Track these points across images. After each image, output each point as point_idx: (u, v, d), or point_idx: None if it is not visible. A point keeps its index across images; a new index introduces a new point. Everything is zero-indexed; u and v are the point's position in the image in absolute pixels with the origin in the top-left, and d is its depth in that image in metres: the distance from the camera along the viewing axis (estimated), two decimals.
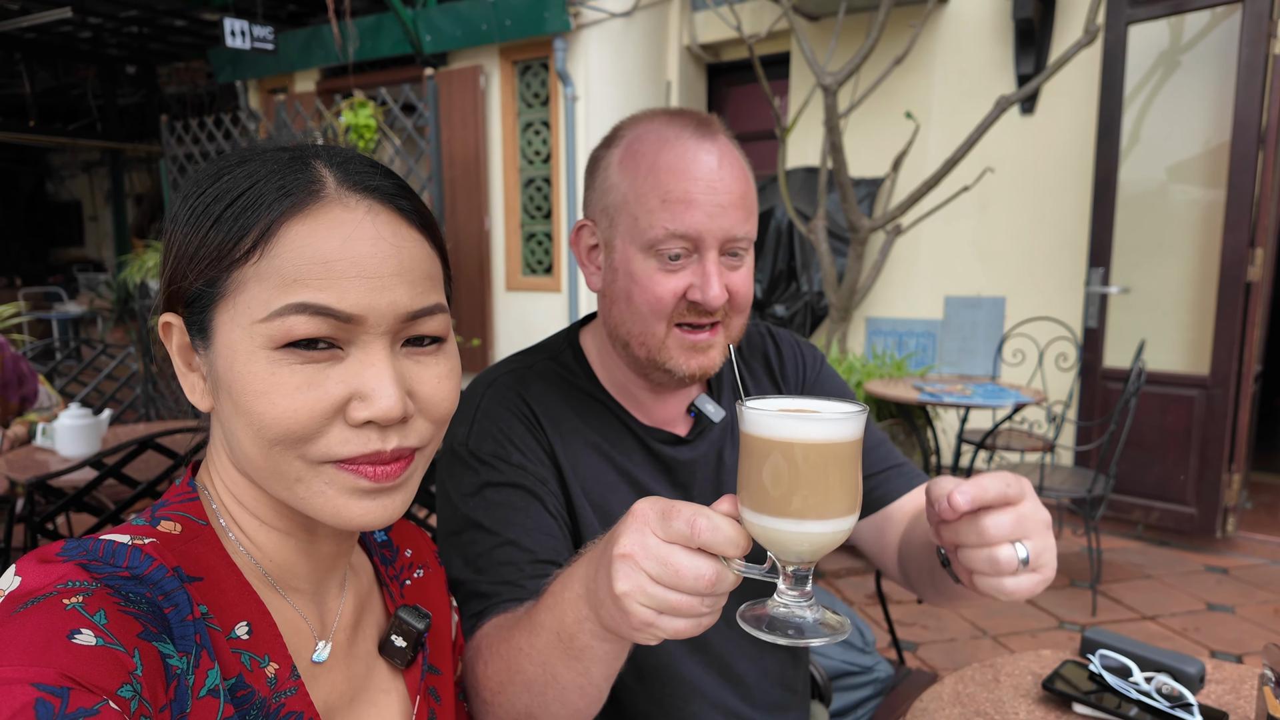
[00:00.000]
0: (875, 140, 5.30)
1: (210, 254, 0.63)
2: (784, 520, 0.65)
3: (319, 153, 0.67)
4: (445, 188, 6.12)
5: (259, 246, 0.62)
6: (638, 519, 0.68)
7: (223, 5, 7.30)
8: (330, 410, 0.63)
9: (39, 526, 1.84)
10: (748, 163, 1.09)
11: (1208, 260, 4.37)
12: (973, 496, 0.71)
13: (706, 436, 1.21)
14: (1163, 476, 4.45)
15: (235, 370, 0.62)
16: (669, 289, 1.04)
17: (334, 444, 0.63)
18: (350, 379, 0.63)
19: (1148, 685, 1.18)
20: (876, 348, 5.54)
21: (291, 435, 0.62)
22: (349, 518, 0.66)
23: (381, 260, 0.64)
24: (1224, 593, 3.78)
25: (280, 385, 0.61)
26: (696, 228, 1.01)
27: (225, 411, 0.65)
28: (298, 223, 0.62)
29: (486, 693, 0.88)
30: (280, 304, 0.61)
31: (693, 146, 1.03)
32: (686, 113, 1.08)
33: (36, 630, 0.53)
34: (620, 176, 1.06)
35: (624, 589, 0.67)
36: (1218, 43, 4.32)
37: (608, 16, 5.57)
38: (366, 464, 0.64)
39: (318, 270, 0.61)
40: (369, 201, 0.65)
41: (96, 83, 11.45)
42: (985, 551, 0.73)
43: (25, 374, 3.06)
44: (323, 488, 0.65)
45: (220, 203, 0.63)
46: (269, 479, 0.66)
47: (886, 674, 1.87)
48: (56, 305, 10.82)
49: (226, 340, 0.63)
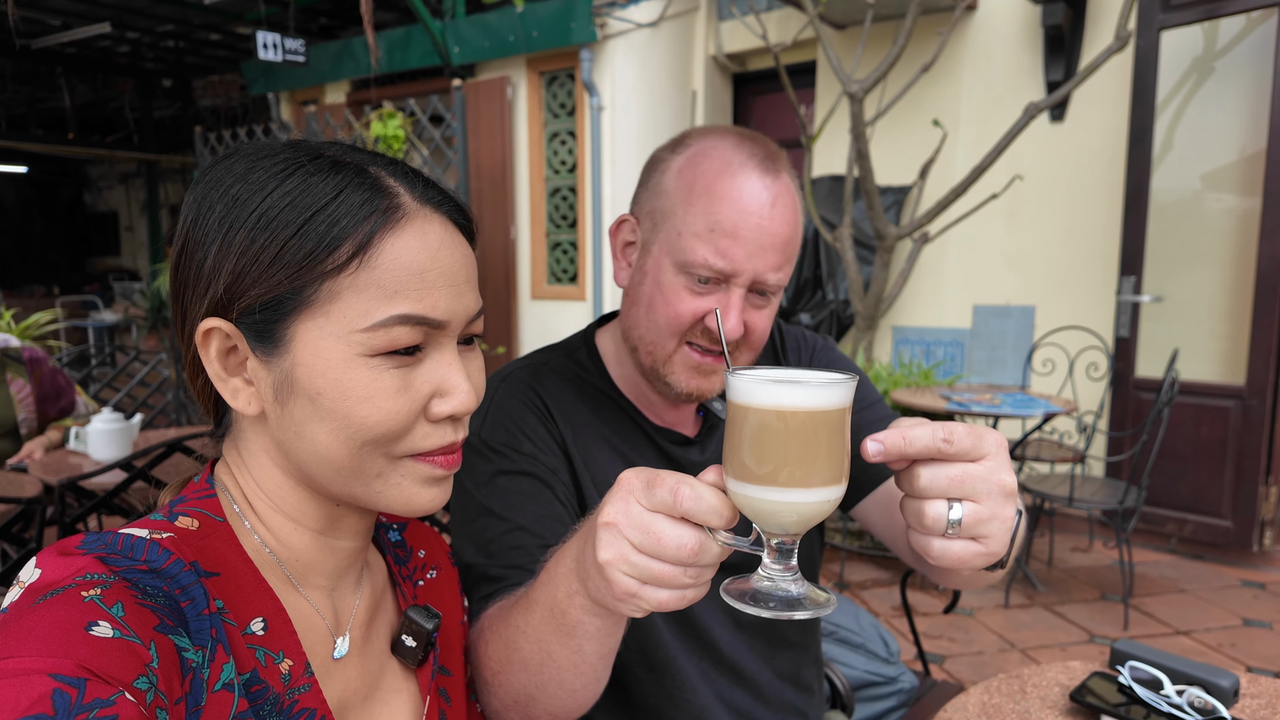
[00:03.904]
0: (902, 148, 5.26)
1: (296, 262, 0.63)
2: (768, 489, 0.63)
3: (373, 160, 0.69)
4: (472, 197, 6.17)
5: (357, 258, 0.64)
6: (622, 488, 0.68)
7: (256, 19, 7.43)
8: (420, 409, 0.68)
9: (69, 527, 1.87)
10: (803, 207, 1.09)
11: (1243, 269, 4.29)
12: (887, 447, 0.64)
13: (715, 437, 1.21)
14: (1197, 488, 4.36)
15: (330, 377, 0.64)
16: (690, 309, 1.04)
17: (418, 439, 0.68)
18: (433, 379, 0.68)
19: (1179, 698, 1.15)
20: (903, 357, 5.49)
21: (390, 435, 0.66)
22: (419, 504, 0.70)
23: (458, 269, 0.69)
24: (1261, 608, 3.69)
25: (383, 390, 0.65)
26: (734, 264, 1.01)
27: (297, 416, 0.66)
28: (393, 236, 0.65)
29: (488, 673, 0.88)
30: (384, 315, 0.64)
31: (754, 179, 1.02)
32: (757, 140, 1.07)
33: (55, 622, 0.54)
34: (675, 185, 1.06)
35: (606, 557, 0.67)
36: (1253, 48, 4.25)
37: (634, 27, 5.59)
38: (442, 454, 0.70)
39: (415, 281, 0.65)
40: (440, 214, 0.70)
41: (134, 96, 11.71)
42: (913, 504, 0.67)
43: (63, 386, 3.13)
44: (399, 480, 0.69)
45: (297, 210, 0.63)
46: (348, 477, 0.68)
47: (911, 685, 1.85)
48: (92, 313, 11.03)
49: (312, 347, 0.64)
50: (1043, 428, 4.29)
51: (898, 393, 4.15)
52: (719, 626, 1.16)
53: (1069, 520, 4.73)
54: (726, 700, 1.17)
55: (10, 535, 2.14)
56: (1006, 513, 0.66)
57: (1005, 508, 0.66)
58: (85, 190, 15.19)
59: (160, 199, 13.19)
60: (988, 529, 0.66)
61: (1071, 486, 3.65)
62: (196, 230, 0.66)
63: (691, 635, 1.15)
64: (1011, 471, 0.67)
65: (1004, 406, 3.73)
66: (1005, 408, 3.70)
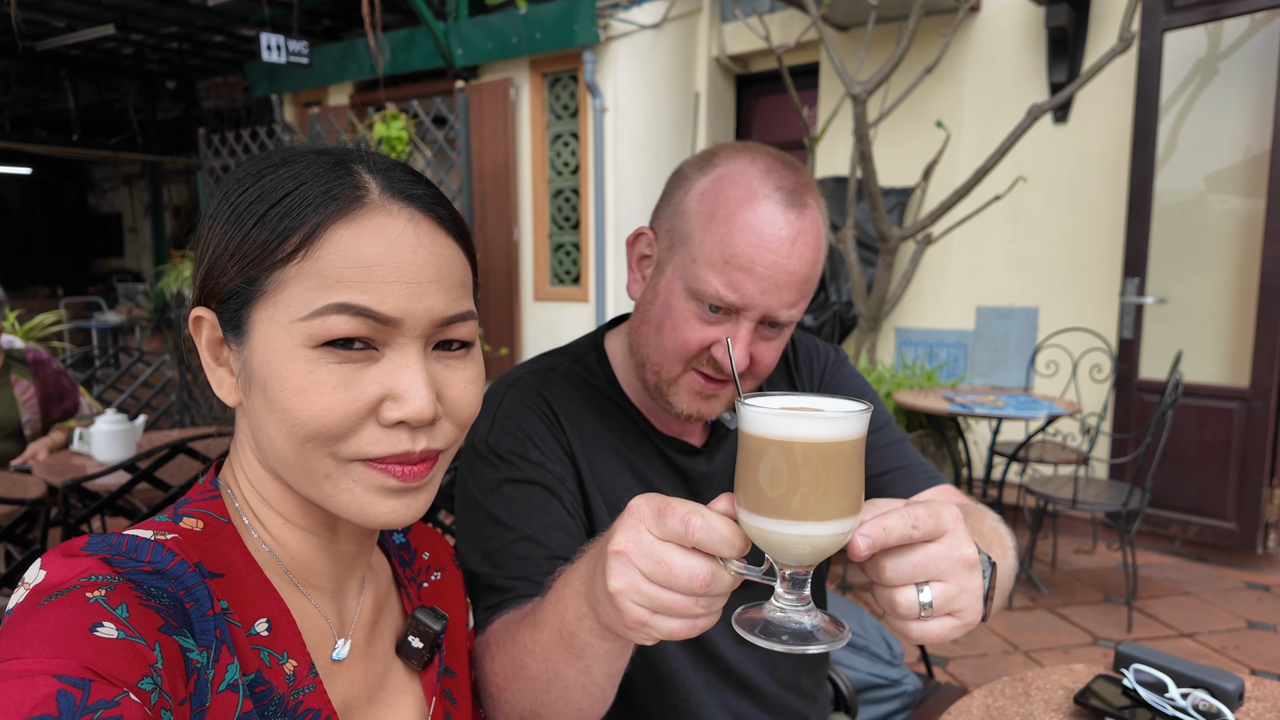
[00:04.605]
0: (905, 150, 5.26)
1: (252, 252, 0.64)
2: (781, 522, 0.62)
3: (360, 158, 0.68)
4: (475, 199, 6.17)
5: (303, 247, 0.63)
6: (633, 516, 0.67)
7: (260, 21, 7.45)
8: (365, 410, 0.64)
9: (73, 529, 1.87)
10: (827, 240, 1.07)
11: (1247, 270, 4.28)
12: (874, 542, 0.65)
13: (723, 446, 1.20)
14: (1201, 491, 4.35)
15: (273, 367, 0.63)
16: (698, 337, 1.03)
17: (365, 443, 0.64)
18: (384, 380, 0.64)
19: (1183, 701, 1.15)
20: (906, 358, 5.48)
21: (326, 433, 0.63)
22: (374, 515, 0.67)
23: (420, 267, 0.65)
24: (1265, 610, 3.68)
25: (318, 383, 0.62)
26: (745, 300, 1.00)
27: (256, 407, 0.66)
28: (342, 226, 0.63)
29: (494, 689, 0.88)
30: (321, 303, 0.62)
31: (777, 214, 0.99)
32: (787, 167, 1.04)
33: (60, 623, 0.54)
34: (696, 208, 1.03)
35: (617, 586, 0.66)
36: (1258, 49, 4.24)
37: (637, 29, 5.59)
38: (395, 463, 0.66)
39: (360, 273, 0.63)
40: (410, 210, 0.67)
41: (137, 97, 11.74)
42: (884, 593, 0.68)
43: (66, 388, 3.13)
44: (350, 485, 0.66)
45: (263, 202, 0.64)
46: (297, 475, 0.66)
47: (915, 687, 1.85)
48: (96, 314, 11.05)
49: (264, 337, 0.64)
50: (1046, 429, 4.28)
51: (901, 394, 4.15)
52: (723, 638, 1.16)
53: (1072, 522, 4.72)
54: (731, 710, 1.17)
55: (14, 536, 2.14)
56: (973, 584, 0.68)
57: (971, 579, 0.67)
58: (89, 192, 15.22)
59: (164, 200, 13.22)
60: (959, 603, 0.67)
61: (1075, 488, 3.64)
62: (201, 226, 0.68)
63: (695, 647, 1.15)
64: (970, 543, 0.68)
65: (1007, 408, 3.72)
66: (1008, 409, 3.70)
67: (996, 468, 4.47)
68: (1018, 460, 4.02)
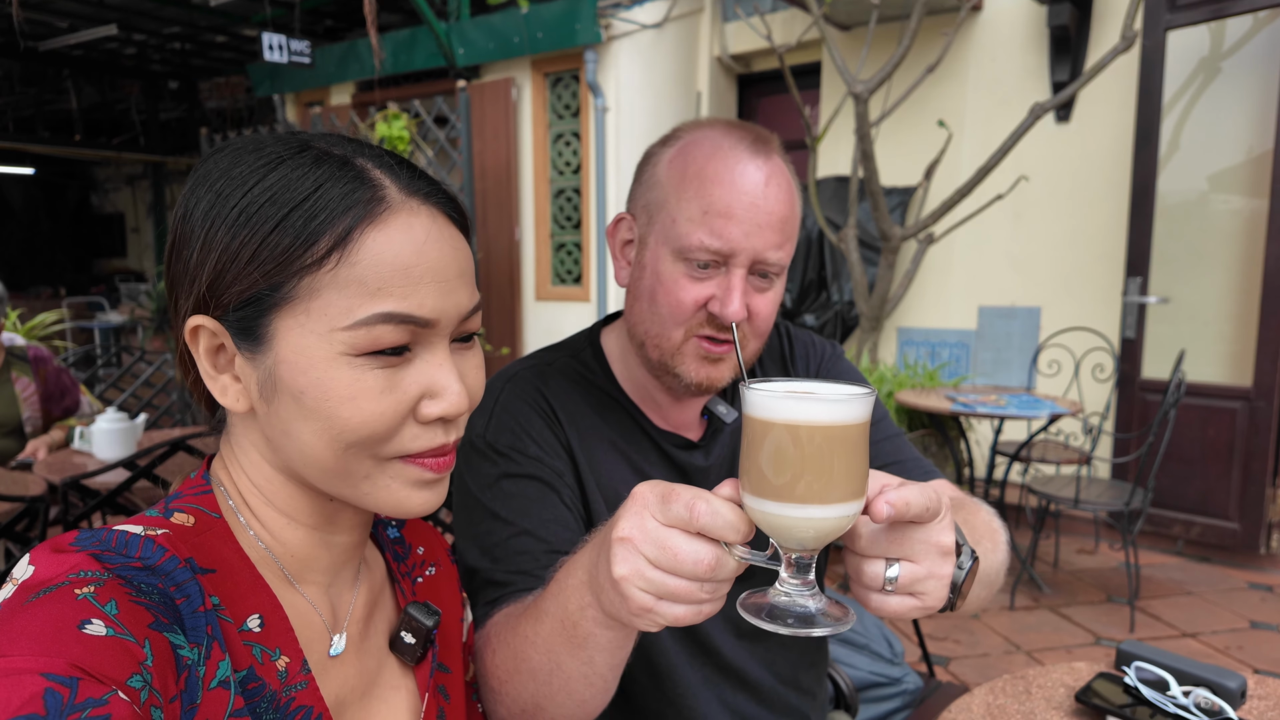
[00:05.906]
0: (907, 149, 5.25)
1: (275, 257, 0.61)
2: (785, 505, 0.62)
3: (360, 151, 0.67)
4: (476, 198, 6.18)
5: (335, 253, 0.61)
6: (637, 502, 0.67)
7: (262, 21, 7.45)
8: (408, 411, 0.65)
9: (73, 526, 1.87)
10: (798, 187, 1.08)
11: (1250, 270, 4.27)
12: (895, 511, 0.65)
13: (719, 440, 1.20)
14: (1204, 490, 4.34)
15: (311, 376, 0.62)
16: (692, 296, 1.03)
17: (406, 441, 0.66)
18: (422, 379, 0.65)
19: (1185, 699, 1.14)
20: (908, 358, 5.47)
21: (375, 437, 0.64)
22: (411, 507, 0.68)
23: (447, 264, 0.66)
24: (1268, 610, 3.67)
25: (366, 391, 0.63)
26: (730, 244, 1.00)
27: (283, 415, 0.65)
28: (374, 230, 0.62)
29: (495, 681, 0.88)
30: (366, 313, 0.62)
31: (745, 160, 1.02)
32: (747, 126, 1.07)
33: (47, 620, 0.53)
34: (667, 175, 1.06)
35: (622, 573, 0.66)
36: (1261, 48, 4.23)
37: (638, 28, 5.59)
38: (432, 457, 0.68)
39: (399, 278, 0.63)
40: (428, 207, 0.67)
41: (140, 98, 11.75)
42: (854, 560, 0.71)
43: (67, 386, 3.14)
44: (388, 482, 0.67)
45: (278, 204, 0.62)
46: (333, 479, 0.66)
47: (915, 686, 1.84)
48: (98, 314, 11.06)
49: (295, 345, 0.62)
50: (1048, 429, 4.27)
51: (903, 394, 4.14)
52: (720, 633, 1.16)
53: (1075, 522, 4.71)
54: (729, 705, 1.16)
55: (14, 534, 2.14)
56: (943, 570, 0.69)
57: (942, 566, 0.69)
58: (91, 192, 15.25)
59: (166, 200, 13.23)
60: (924, 586, 0.69)
61: (1077, 488, 3.63)
62: (184, 226, 0.65)
63: (693, 642, 1.14)
64: (950, 532, 0.70)
65: (1009, 408, 3.72)
66: (1011, 409, 3.69)
67: (999, 467, 4.46)
68: (1020, 460, 4.01)
